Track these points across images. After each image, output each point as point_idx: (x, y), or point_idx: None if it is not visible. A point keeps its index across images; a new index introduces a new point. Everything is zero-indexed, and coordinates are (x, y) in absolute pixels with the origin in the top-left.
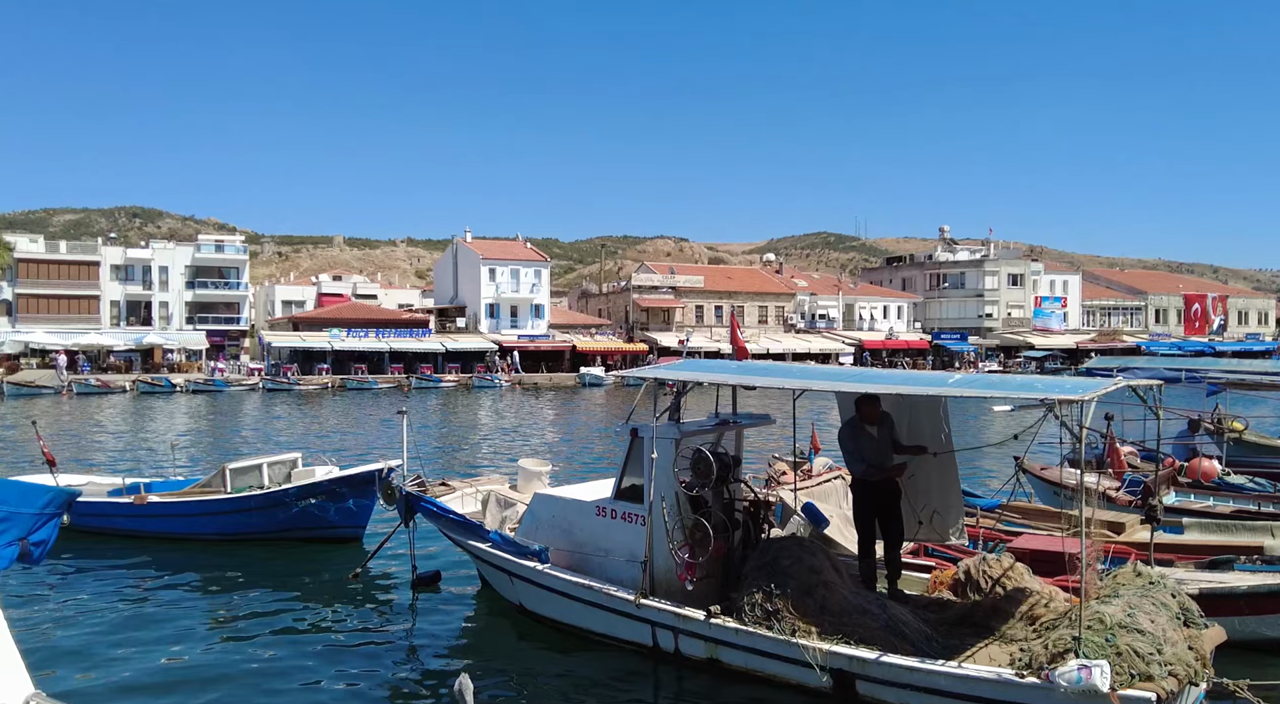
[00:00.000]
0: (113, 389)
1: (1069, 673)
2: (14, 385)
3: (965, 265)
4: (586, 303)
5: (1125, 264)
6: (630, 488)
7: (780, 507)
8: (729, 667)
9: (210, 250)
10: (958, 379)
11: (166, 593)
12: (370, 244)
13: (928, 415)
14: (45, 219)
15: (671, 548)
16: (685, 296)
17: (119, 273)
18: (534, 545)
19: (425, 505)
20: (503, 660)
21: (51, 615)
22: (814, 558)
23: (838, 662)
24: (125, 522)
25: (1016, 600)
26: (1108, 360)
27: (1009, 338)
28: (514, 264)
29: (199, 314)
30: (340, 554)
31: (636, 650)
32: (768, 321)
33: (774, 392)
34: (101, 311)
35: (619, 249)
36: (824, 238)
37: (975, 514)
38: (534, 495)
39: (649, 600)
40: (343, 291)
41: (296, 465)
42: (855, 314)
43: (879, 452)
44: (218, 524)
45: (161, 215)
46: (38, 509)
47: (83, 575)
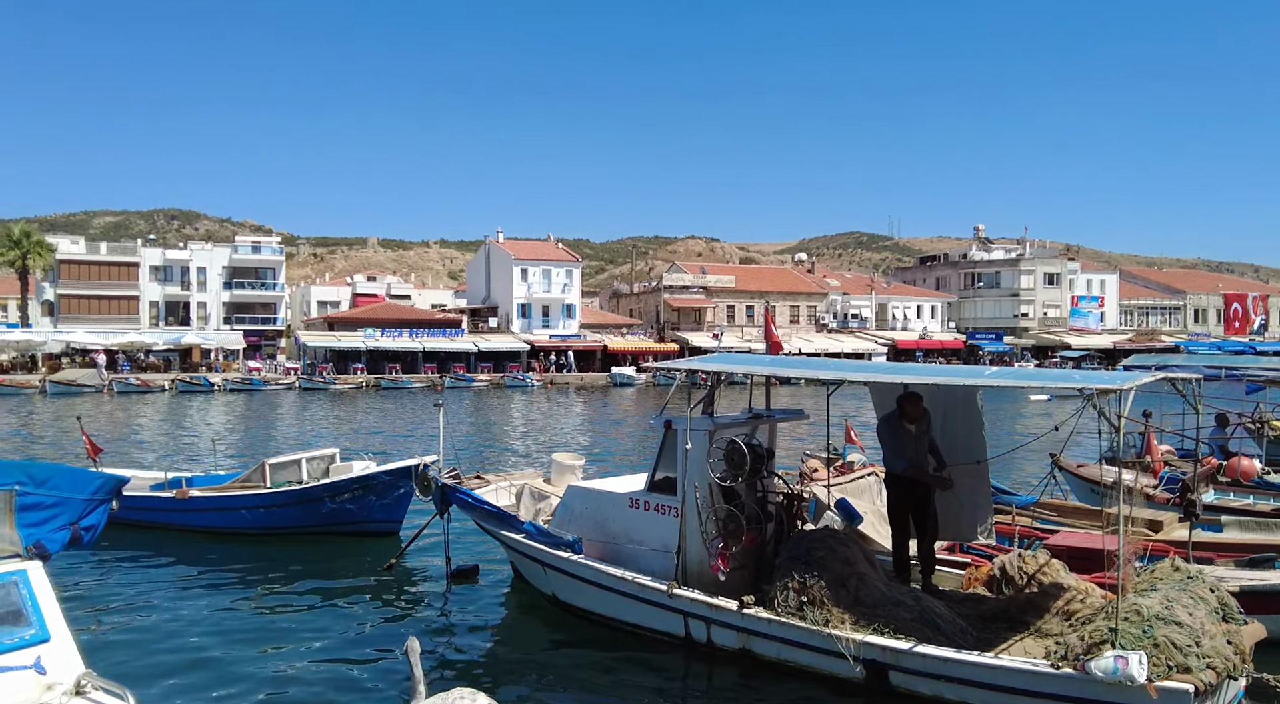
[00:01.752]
0: (152, 388)
1: (1105, 663)
2: (56, 384)
3: (1000, 264)
4: (618, 303)
5: (1163, 263)
6: (664, 479)
7: (813, 502)
8: (761, 657)
9: (247, 252)
10: (995, 371)
11: (208, 583)
12: (404, 245)
13: (963, 409)
14: (86, 221)
15: (704, 539)
16: (716, 296)
17: (158, 274)
18: (567, 536)
19: (460, 497)
20: (535, 650)
21: (99, 601)
22: (847, 550)
23: (871, 652)
24: (167, 515)
25: (1052, 596)
26: (1145, 360)
27: (1045, 338)
28: (545, 264)
29: (236, 314)
30: (377, 547)
31: (669, 641)
32: (799, 321)
33: (808, 389)
34: (141, 312)
35: (650, 249)
36: (856, 237)
37: (1010, 511)
38: (568, 487)
39: (681, 591)
40: (377, 292)
41: (335, 461)
42: (888, 314)
43: (917, 450)
44: (258, 518)
45: (199, 217)
46: (88, 495)
47: (127, 565)
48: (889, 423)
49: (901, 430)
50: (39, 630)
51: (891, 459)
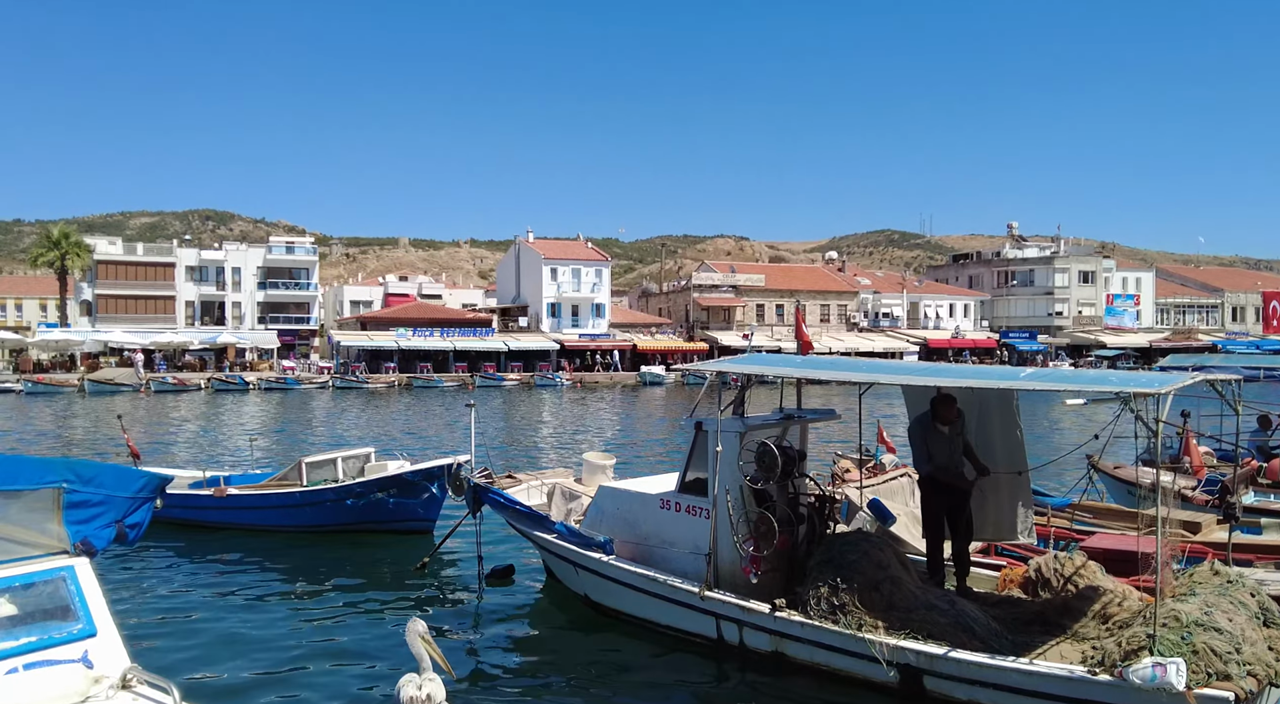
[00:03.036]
0: (188, 387)
1: (1143, 670)
2: (94, 383)
3: (1034, 262)
4: (647, 302)
5: (1201, 261)
6: (694, 481)
7: (846, 503)
8: (794, 660)
9: (281, 252)
10: (1030, 372)
11: (246, 580)
12: (435, 245)
13: (999, 411)
14: (123, 222)
15: (736, 541)
16: (746, 295)
17: (193, 274)
18: (599, 537)
19: (492, 497)
20: (567, 650)
21: (143, 597)
22: (880, 553)
23: (905, 657)
24: (206, 513)
25: (1089, 599)
26: (1183, 359)
27: (1080, 336)
28: (575, 264)
29: (270, 314)
30: (412, 545)
31: (701, 643)
32: (830, 320)
33: (840, 389)
34: (177, 311)
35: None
36: (888, 235)
37: (1046, 513)
38: (599, 488)
39: (713, 593)
40: (408, 292)
41: (370, 460)
42: (920, 313)
43: (949, 452)
44: (294, 516)
45: (234, 218)
46: (133, 493)
47: (169, 562)
48: (921, 424)
49: (934, 432)
50: (86, 625)
51: (919, 461)
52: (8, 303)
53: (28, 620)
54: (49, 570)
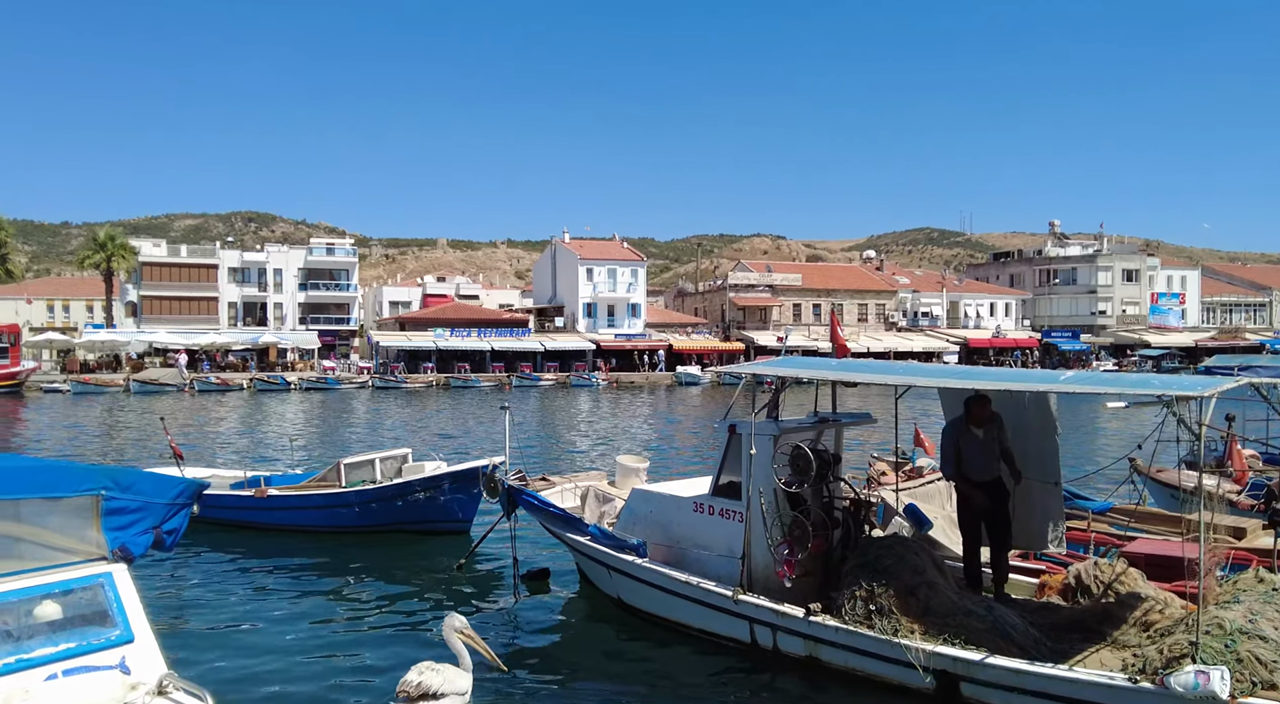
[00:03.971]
0: (231, 387)
1: (1185, 678)
2: (140, 383)
3: (1077, 261)
4: (683, 302)
5: (1248, 258)
6: (728, 484)
7: (882, 507)
8: (828, 665)
9: (321, 253)
10: (1070, 375)
11: (285, 581)
12: (472, 246)
13: (1036, 415)
14: (167, 224)
15: (770, 545)
16: (782, 295)
17: (236, 275)
18: (632, 540)
19: (527, 499)
20: (600, 652)
21: (180, 600)
22: (917, 557)
23: (942, 663)
24: (247, 513)
25: (1130, 606)
26: (1228, 359)
27: (1123, 336)
28: (611, 264)
29: (311, 315)
30: (448, 546)
31: (734, 646)
32: (868, 320)
33: (876, 391)
34: (220, 312)
35: (715, 248)
36: (927, 233)
37: (1087, 517)
38: (632, 491)
39: (747, 596)
40: (446, 292)
41: (407, 461)
42: (960, 312)
43: (982, 456)
44: (333, 517)
45: (275, 220)
46: (170, 499)
47: (208, 563)
48: (954, 426)
49: (966, 435)
50: (124, 631)
51: (944, 463)
52: (55, 304)
53: (66, 626)
54: (87, 576)
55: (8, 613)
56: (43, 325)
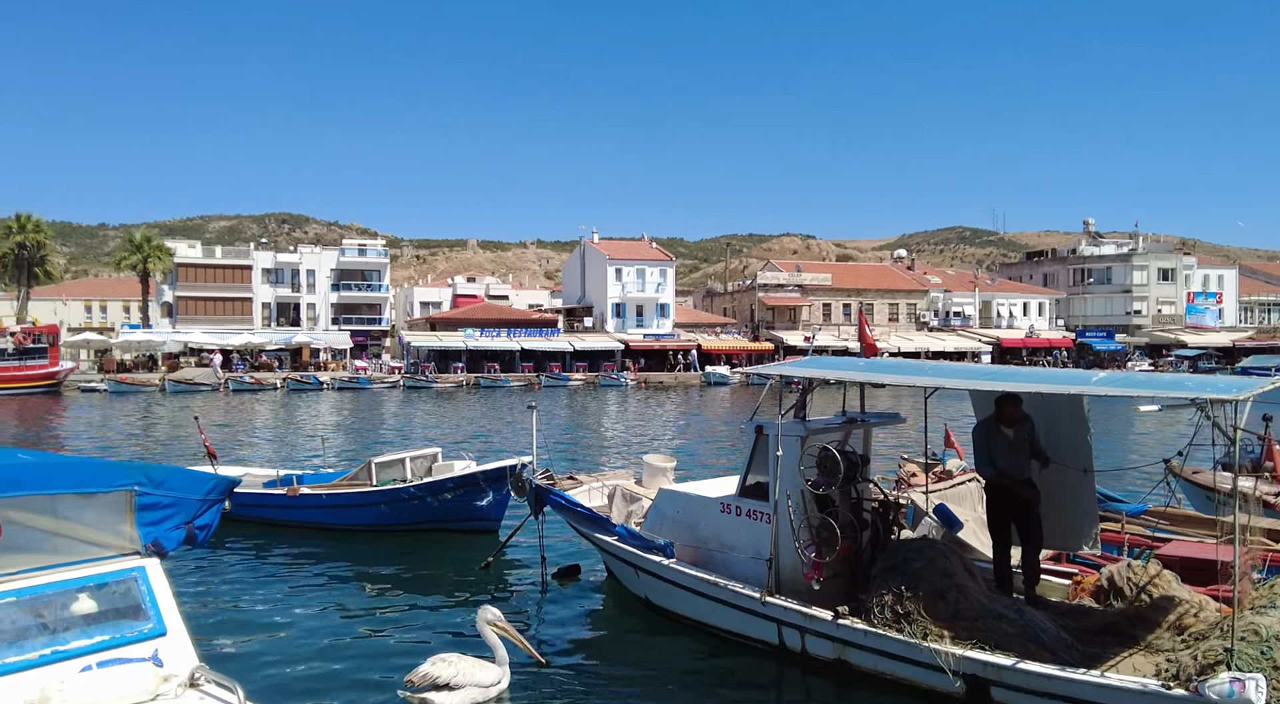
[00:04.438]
0: (265, 386)
1: (1219, 686)
2: (175, 382)
3: (1111, 260)
4: (711, 302)
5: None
6: (755, 485)
7: (911, 508)
8: (857, 668)
9: (354, 254)
10: (1102, 377)
11: (315, 578)
12: (502, 246)
13: (1068, 417)
14: (202, 226)
15: (797, 546)
16: (812, 294)
17: (269, 276)
18: (659, 540)
19: (554, 498)
20: (627, 653)
21: (212, 595)
22: (946, 560)
23: (972, 667)
24: (279, 512)
25: (1163, 609)
26: (1266, 359)
27: (1159, 336)
28: (640, 264)
29: (343, 315)
30: (477, 544)
31: (762, 648)
32: (899, 319)
33: (906, 391)
34: (254, 312)
35: (744, 247)
36: (959, 232)
37: (1120, 519)
38: (659, 491)
39: (775, 598)
40: (476, 293)
41: (437, 460)
42: (993, 311)
43: (1013, 456)
44: (364, 515)
45: (308, 221)
46: (202, 495)
47: (240, 560)
48: (984, 426)
49: (996, 435)
50: (156, 624)
51: (980, 464)
52: (93, 305)
53: (101, 620)
54: (121, 571)
55: (44, 606)
56: (80, 326)
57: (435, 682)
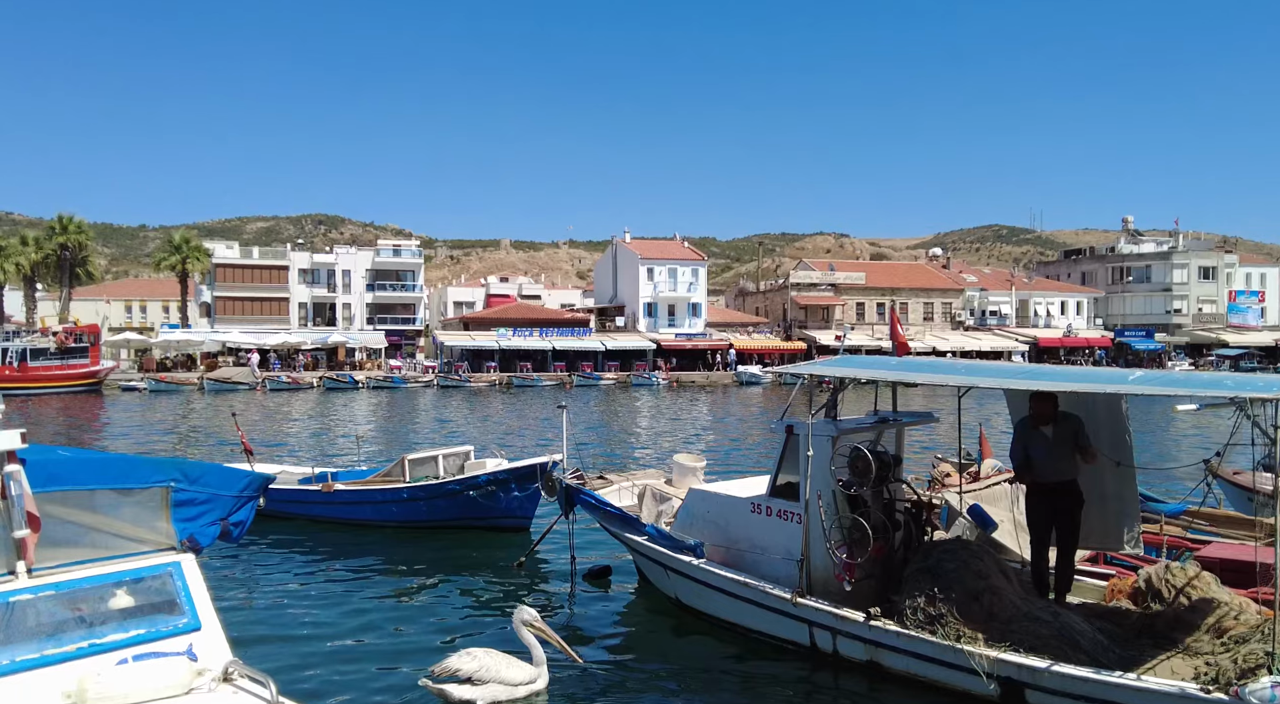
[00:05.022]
0: (301, 385)
1: (1261, 691)
2: (213, 381)
3: (1151, 258)
4: (744, 301)
5: None
6: (786, 485)
7: (945, 509)
8: (890, 670)
9: (389, 255)
10: (1139, 376)
11: (349, 574)
12: (534, 246)
13: (1107, 417)
14: (239, 227)
15: (829, 547)
16: (845, 294)
17: (306, 276)
18: (689, 540)
19: (584, 498)
20: (658, 653)
21: (246, 590)
22: (980, 562)
23: (1006, 670)
24: (314, 508)
25: (1203, 611)
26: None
27: (1200, 335)
28: (671, 263)
29: (378, 315)
30: (509, 542)
31: (793, 649)
32: (934, 318)
33: (938, 390)
34: (291, 312)
35: (777, 246)
36: (995, 230)
37: (1159, 520)
38: (689, 490)
39: (806, 599)
40: (509, 292)
41: (469, 458)
42: (1030, 310)
43: (1052, 456)
44: (398, 512)
45: (344, 222)
46: (237, 492)
47: (276, 555)
48: (1021, 425)
49: (1033, 435)
50: (191, 619)
51: (1016, 466)
52: (133, 305)
53: (137, 614)
54: (157, 566)
55: (82, 600)
56: (121, 325)
57: (456, 674)
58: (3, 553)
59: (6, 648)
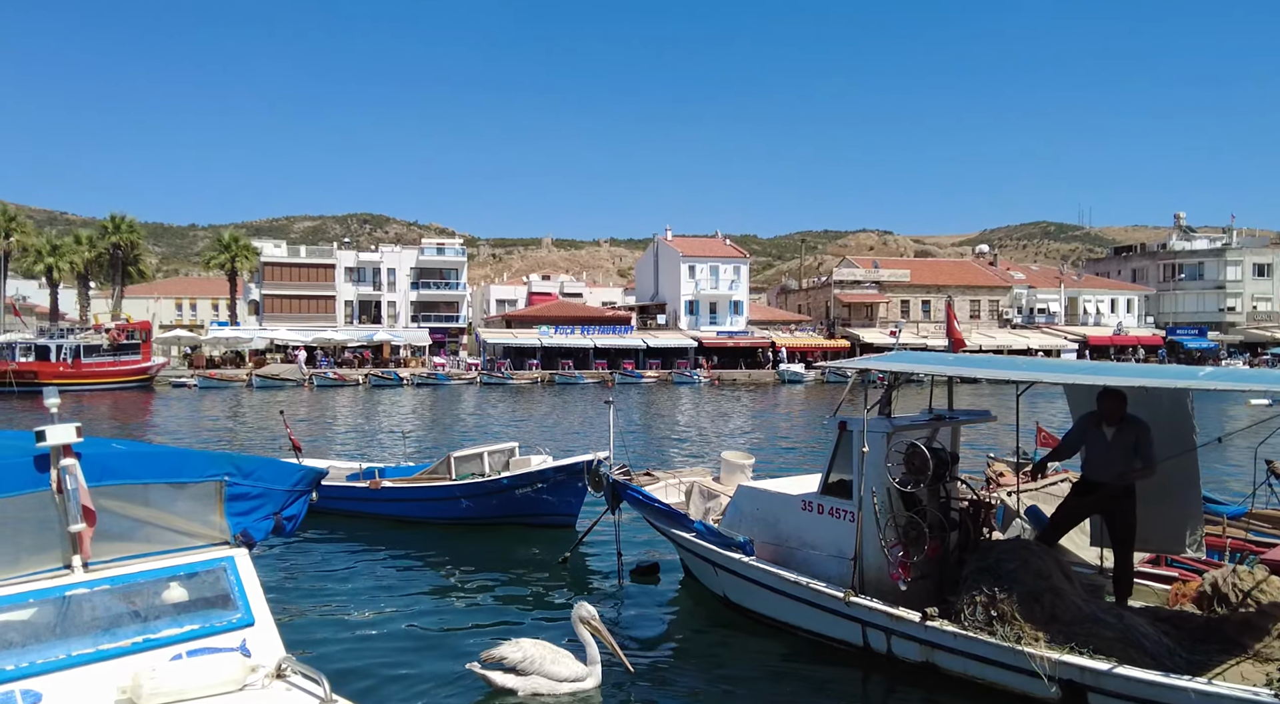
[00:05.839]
0: (347, 382)
1: None
2: (261, 378)
3: (1204, 255)
4: (786, 299)
5: None
6: (838, 483)
7: (1001, 509)
8: (946, 672)
9: (432, 253)
10: (1209, 372)
11: (396, 570)
12: (576, 244)
13: (1172, 415)
14: (287, 226)
15: (883, 546)
16: (890, 291)
17: (352, 274)
18: (738, 537)
19: (631, 494)
20: (707, 652)
21: (297, 585)
22: (1041, 562)
23: (1069, 672)
24: (362, 504)
25: (1272, 616)
26: None
27: (1254, 333)
28: (713, 261)
29: (422, 312)
30: (554, 538)
31: (845, 649)
32: (980, 316)
33: (992, 388)
34: (337, 310)
35: (819, 244)
36: (1042, 227)
37: (1220, 523)
38: (738, 487)
39: (859, 599)
40: (551, 290)
41: (514, 454)
42: (1079, 308)
43: (1107, 457)
44: (444, 508)
45: (389, 221)
46: (290, 486)
47: (324, 551)
48: (1083, 420)
49: (1094, 433)
50: (245, 614)
51: (1055, 450)
52: (183, 303)
53: (191, 609)
54: (211, 560)
55: (136, 594)
56: (171, 323)
57: (502, 662)
58: (59, 547)
59: (63, 642)
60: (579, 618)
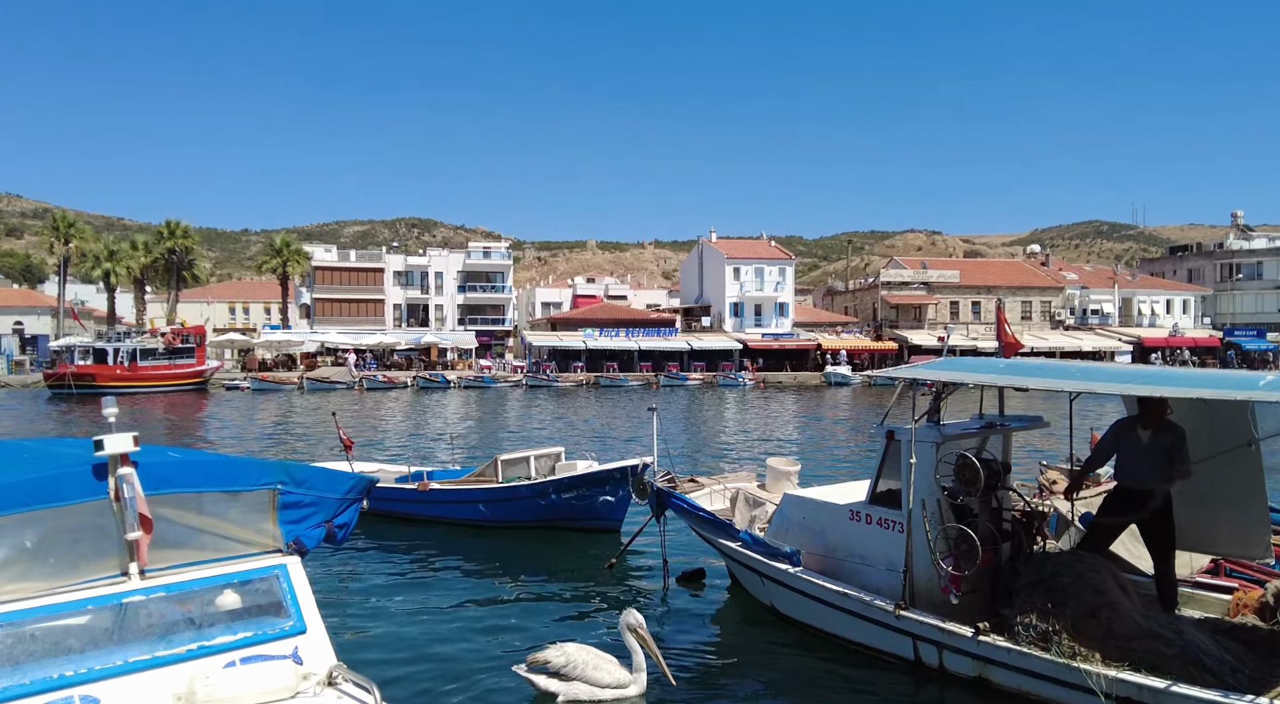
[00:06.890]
0: (396, 384)
1: None
2: (312, 381)
3: (1263, 254)
4: (832, 300)
5: None
6: (886, 492)
7: (1055, 517)
8: (999, 687)
9: (479, 257)
10: (1271, 380)
11: (446, 574)
12: (620, 247)
13: (1231, 422)
14: (337, 230)
15: (934, 558)
16: (938, 292)
17: (400, 278)
18: (785, 547)
19: (676, 501)
20: (755, 663)
21: (347, 591)
22: (1097, 576)
23: (1126, 690)
24: (410, 506)
25: None
26: None
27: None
28: (758, 263)
29: (469, 316)
30: (599, 543)
31: (895, 663)
32: (1031, 318)
33: (1043, 392)
34: (386, 313)
35: (866, 244)
36: (1095, 226)
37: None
38: (784, 495)
39: (909, 612)
40: (595, 293)
41: (560, 459)
42: (1133, 309)
43: (1141, 461)
44: (491, 511)
45: (436, 225)
46: (341, 495)
47: (373, 555)
48: (1114, 426)
49: (1129, 435)
50: (297, 622)
51: (1089, 458)
52: (236, 306)
53: (244, 616)
54: (264, 568)
55: (191, 601)
56: (225, 326)
57: (546, 666)
58: (116, 554)
59: (120, 648)
60: (627, 625)
